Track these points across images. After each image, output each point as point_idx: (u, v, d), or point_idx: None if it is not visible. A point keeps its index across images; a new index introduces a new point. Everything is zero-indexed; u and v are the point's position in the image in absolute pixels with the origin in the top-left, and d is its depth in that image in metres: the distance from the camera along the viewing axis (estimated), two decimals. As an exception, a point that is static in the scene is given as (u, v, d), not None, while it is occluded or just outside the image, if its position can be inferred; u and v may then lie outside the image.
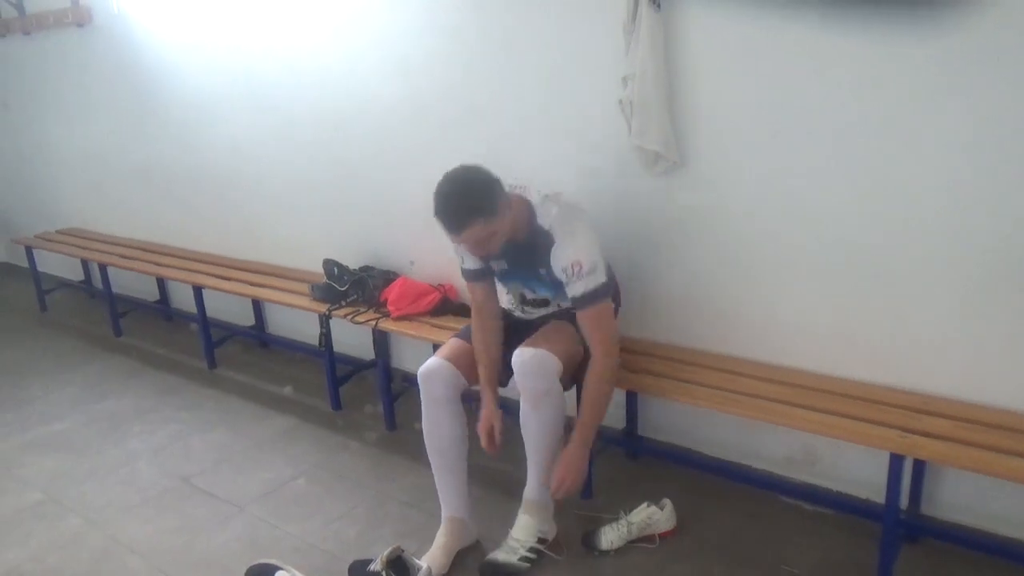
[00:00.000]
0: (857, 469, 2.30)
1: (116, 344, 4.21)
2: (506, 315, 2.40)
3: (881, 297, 2.15)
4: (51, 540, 2.45)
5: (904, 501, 2.19)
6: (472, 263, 2.28)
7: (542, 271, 2.19)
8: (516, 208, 2.11)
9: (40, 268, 4.80)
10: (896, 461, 1.92)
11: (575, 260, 2.04)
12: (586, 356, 2.17)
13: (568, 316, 2.22)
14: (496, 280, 2.34)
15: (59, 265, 5.01)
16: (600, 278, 2.07)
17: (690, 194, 2.39)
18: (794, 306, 2.31)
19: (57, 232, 4.84)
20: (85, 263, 4.82)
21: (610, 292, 2.15)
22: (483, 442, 2.24)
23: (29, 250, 4.68)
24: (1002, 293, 1.97)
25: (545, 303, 2.35)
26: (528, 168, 2.71)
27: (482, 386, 2.29)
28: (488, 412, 2.25)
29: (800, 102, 2.12)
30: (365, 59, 3.06)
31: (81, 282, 4.94)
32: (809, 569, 2.13)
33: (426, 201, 3.13)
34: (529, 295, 2.35)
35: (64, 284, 4.99)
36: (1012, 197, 1.89)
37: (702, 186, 2.36)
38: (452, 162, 2.95)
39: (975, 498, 2.15)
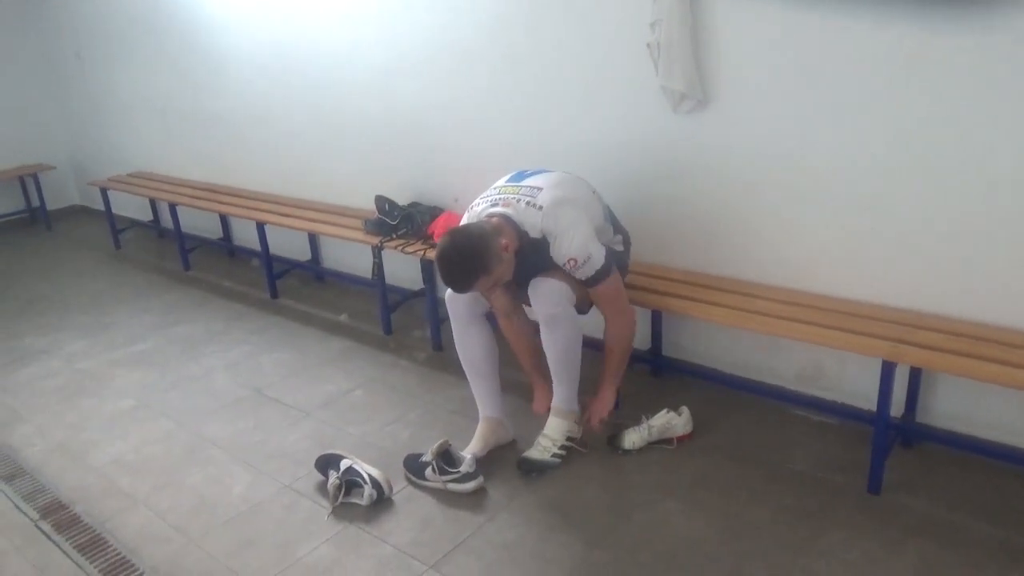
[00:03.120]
0: (860, 382, 2.54)
1: (186, 277, 4.62)
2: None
3: (880, 226, 2.38)
4: (146, 436, 2.85)
5: (900, 410, 2.43)
6: None
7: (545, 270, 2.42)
8: (507, 235, 2.27)
9: (112, 210, 5.21)
10: (887, 367, 2.16)
11: (569, 258, 2.29)
12: None
13: None
14: None
15: (129, 206, 5.42)
16: (597, 262, 2.30)
17: (713, 131, 2.61)
18: (806, 234, 2.54)
19: (128, 175, 5.24)
20: (154, 203, 5.22)
21: (611, 268, 2.36)
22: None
23: (104, 192, 5.08)
24: (989, 221, 2.18)
25: None
26: (563, 111, 2.96)
27: (532, 377, 2.68)
28: (541, 394, 2.64)
29: (820, 43, 2.31)
30: (413, 9, 3.30)
31: (150, 222, 5.34)
32: (810, 466, 2.41)
33: (468, 143, 3.42)
34: None
35: (134, 224, 5.40)
36: (999, 139, 2.09)
37: (724, 123, 2.58)
38: (492, 107, 3.22)
39: (965, 407, 2.38)
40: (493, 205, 2.39)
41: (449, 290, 2.52)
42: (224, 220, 4.79)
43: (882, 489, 2.26)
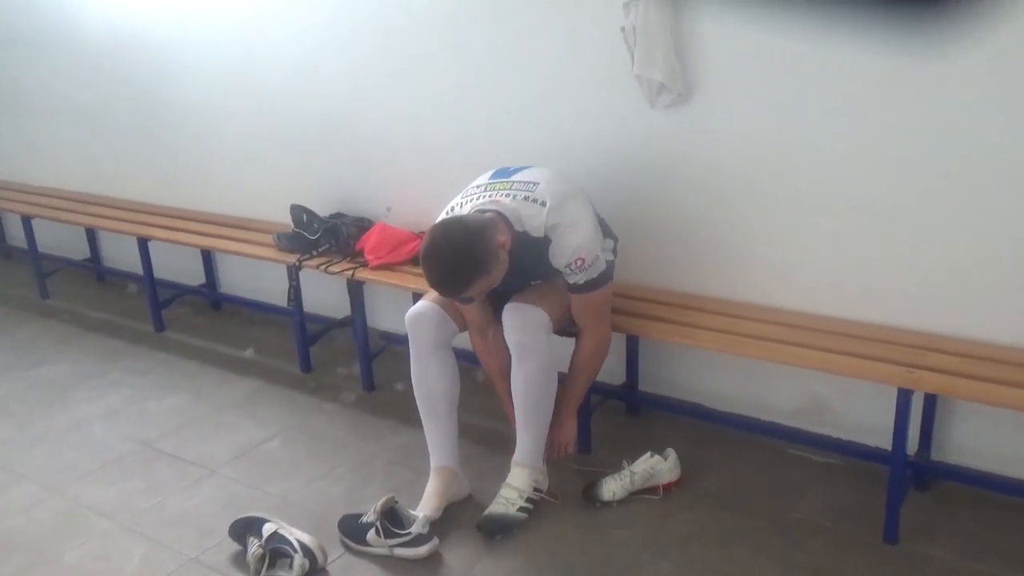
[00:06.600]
0: (866, 417, 2.60)
1: (44, 307, 4.39)
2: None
3: (886, 238, 2.45)
4: (6, 505, 2.66)
5: (913, 447, 2.50)
6: None
7: (534, 282, 2.44)
8: (503, 232, 2.24)
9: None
10: (903, 396, 2.22)
11: (579, 256, 2.29)
12: None
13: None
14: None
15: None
16: (601, 266, 2.35)
17: (695, 128, 2.65)
18: (799, 248, 2.60)
19: (-40, 183, 4.94)
20: (-3, 217, 4.95)
21: (609, 276, 2.41)
22: None
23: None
24: (1003, 233, 2.28)
25: None
26: (521, 106, 2.96)
27: (507, 406, 2.59)
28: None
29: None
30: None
31: (-10, 240, 5.07)
32: (817, 513, 2.44)
33: (406, 143, 3.36)
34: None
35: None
36: (1011, 144, 2.20)
37: (708, 120, 2.62)
38: (436, 101, 3.18)
39: (982, 440, 2.46)
40: (481, 203, 2.34)
41: (412, 310, 2.48)
42: (92, 236, 4.58)
43: (899, 538, 2.31)
